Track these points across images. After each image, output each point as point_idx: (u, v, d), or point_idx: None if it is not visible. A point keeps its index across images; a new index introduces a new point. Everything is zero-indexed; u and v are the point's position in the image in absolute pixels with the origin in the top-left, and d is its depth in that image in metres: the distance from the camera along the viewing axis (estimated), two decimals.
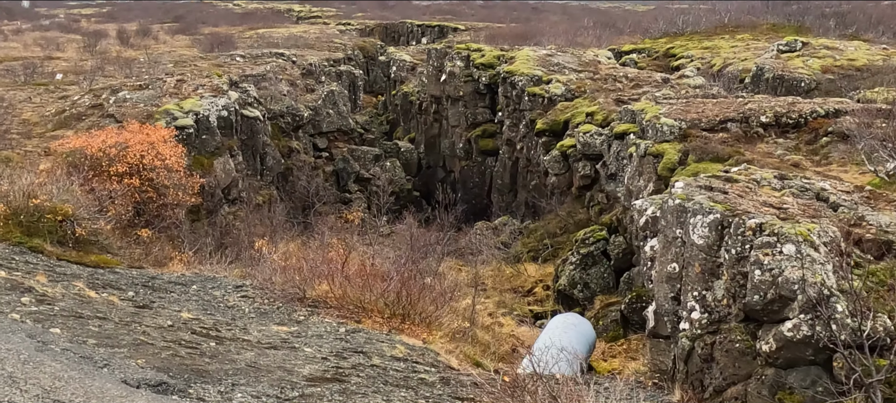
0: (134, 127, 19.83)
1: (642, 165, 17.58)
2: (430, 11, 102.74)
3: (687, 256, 9.53)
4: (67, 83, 33.48)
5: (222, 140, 22.72)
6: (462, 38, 69.85)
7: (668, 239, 9.80)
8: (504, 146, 30.39)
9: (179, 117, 21.60)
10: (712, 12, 43.84)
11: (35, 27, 68.67)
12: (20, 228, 13.66)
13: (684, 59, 35.16)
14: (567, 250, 21.78)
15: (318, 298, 13.78)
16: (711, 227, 9.23)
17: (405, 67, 55.90)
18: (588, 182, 23.28)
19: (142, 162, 18.36)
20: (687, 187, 10.25)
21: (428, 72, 37.56)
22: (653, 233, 9.90)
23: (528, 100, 27.85)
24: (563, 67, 29.42)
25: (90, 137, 18.74)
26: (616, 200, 20.92)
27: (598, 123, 23.83)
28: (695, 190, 10.13)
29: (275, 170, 27.20)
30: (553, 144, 25.63)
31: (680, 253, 9.64)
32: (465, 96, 34.38)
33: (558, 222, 23.28)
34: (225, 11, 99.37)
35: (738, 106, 18.46)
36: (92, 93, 23.92)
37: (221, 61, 42.69)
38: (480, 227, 25.98)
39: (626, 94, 26.23)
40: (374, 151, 36.05)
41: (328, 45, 57.63)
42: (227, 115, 23.07)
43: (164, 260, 15.63)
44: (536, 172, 26.86)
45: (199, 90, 23.65)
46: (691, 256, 9.38)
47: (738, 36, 39.33)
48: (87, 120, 22.03)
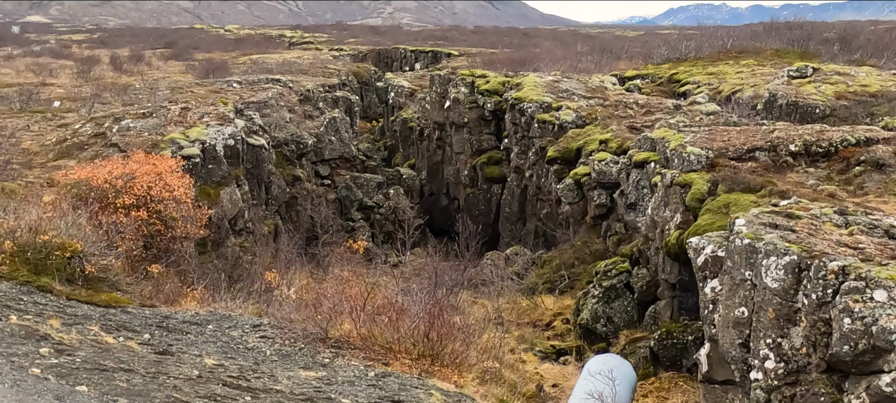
0: (139, 157, 19.20)
1: (668, 195, 17.05)
2: (422, 37, 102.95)
3: (758, 300, 8.95)
4: (65, 110, 32.83)
5: (229, 169, 22.10)
6: (456, 64, 69.72)
7: (736, 282, 9.23)
8: (512, 174, 29.87)
9: (185, 146, 20.99)
10: (715, 38, 43.64)
11: (26, 53, 68.06)
12: (27, 266, 12.97)
13: (690, 84, 34.81)
14: (585, 281, 21.20)
15: (341, 338, 13.13)
16: (787, 270, 8.66)
17: (404, 93, 55.51)
18: (604, 211, 22.75)
19: (149, 193, 17.71)
20: (751, 224, 9.68)
21: (431, 99, 37.11)
22: (713, 274, 9.37)
23: (538, 128, 27.37)
24: (572, 94, 29.00)
25: (95, 168, 18.09)
26: (636, 230, 20.38)
27: (613, 151, 23.35)
28: (760, 227, 9.56)
29: (280, 199, 26.58)
30: (565, 172, 25.12)
31: (749, 296, 9.07)
32: (470, 123, 33.90)
33: (574, 252, 22.71)
34: (217, 37, 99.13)
35: (764, 134, 17.99)
36: (93, 122, 23.28)
37: (218, 87, 42.25)
38: (492, 257, 25.37)
39: (638, 121, 25.79)
40: (377, 179, 35.50)
41: (322, 71, 57.27)
42: (234, 144, 22.47)
43: (176, 297, 14.94)
44: (548, 201, 26.32)
45: (205, 118, 23.05)
46: (764, 301, 8.81)
47: (742, 61, 39.07)
48: (89, 149, 21.37)
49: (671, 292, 17.16)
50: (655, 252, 17.78)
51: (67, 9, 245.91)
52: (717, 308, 9.20)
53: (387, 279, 24.67)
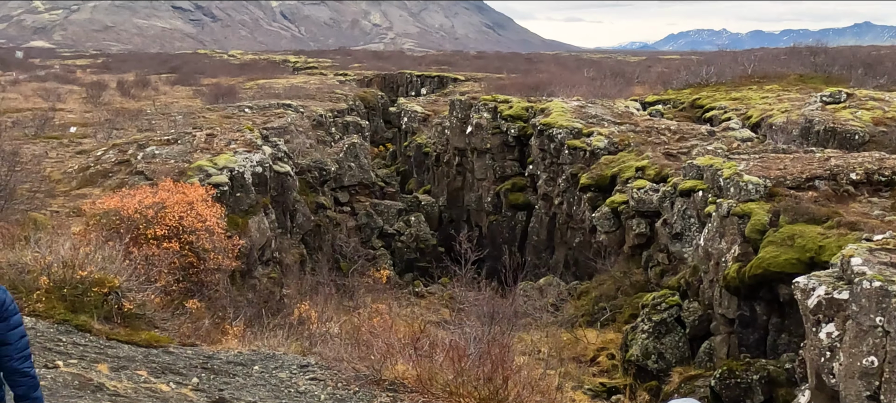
0: (168, 185, 18.47)
1: (724, 226, 16.33)
2: (426, 62, 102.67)
3: (892, 350, 8.22)
4: (80, 136, 32.20)
5: (257, 197, 21.39)
6: (464, 89, 69.30)
7: (863, 328, 8.51)
8: (540, 201, 29.17)
9: (213, 174, 20.29)
10: (736, 63, 43.11)
11: (32, 78, 67.60)
12: (63, 303, 12.22)
13: (716, 110, 34.21)
14: (628, 314, 20.44)
15: (396, 380, 12.36)
16: None
17: (417, 118, 54.96)
18: (643, 240, 22.02)
19: (181, 224, 16.98)
20: (869, 264, 8.97)
21: (451, 124, 36.48)
22: (828, 318, 8.68)
23: (569, 154, 26.70)
24: (601, 119, 28.36)
25: (124, 197, 17.36)
26: (681, 261, 19.64)
27: (651, 178, 22.66)
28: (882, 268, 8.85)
29: (304, 227, 25.86)
30: (599, 200, 24.42)
31: (880, 344, 8.34)
32: (493, 148, 33.25)
33: (613, 283, 21.95)
34: (221, 62, 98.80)
35: (820, 162, 17.31)
36: (116, 149, 22.60)
37: (230, 113, 41.70)
38: (525, 288, 24.58)
39: (673, 148, 25.13)
40: (397, 205, 34.80)
41: (330, 96, 56.80)
42: (262, 171, 21.78)
43: (216, 334, 14.17)
44: (580, 229, 25.59)
45: (232, 145, 22.37)
46: None
47: (766, 86, 38.50)
48: (114, 177, 20.66)
49: (728, 327, 16.40)
50: (709, 285, 17.02)
51: (71, 34, 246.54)
52: (836, 355, 8.49)
53: (421, 310, 23.90)
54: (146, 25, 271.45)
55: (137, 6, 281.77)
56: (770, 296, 15.17)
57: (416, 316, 21.72)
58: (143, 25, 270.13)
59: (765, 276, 14.86)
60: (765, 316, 15.37)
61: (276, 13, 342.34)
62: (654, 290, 20.51)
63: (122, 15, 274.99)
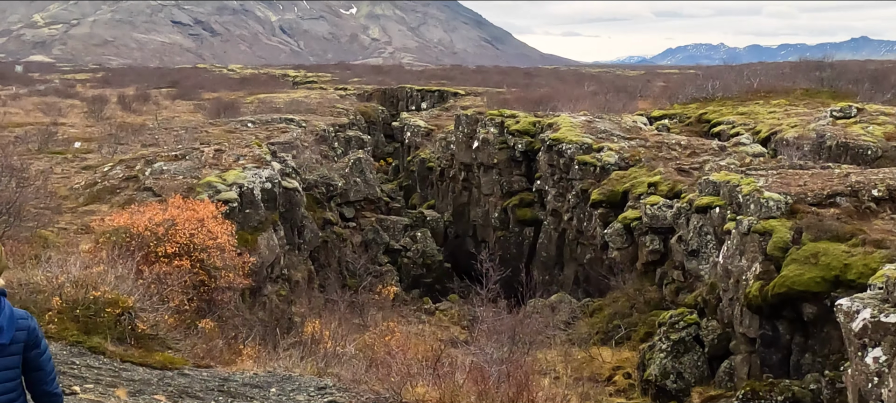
0: (177, 201, 18.20)
1: (744, 243, 16.07)
2: (426, 76, 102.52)
3: None
4: (85, 151, 31.94)
5: (266, 214, 21.11)
6: (464, 103, 69.11)
7: None
8: (549, 217, 28.90)
9: (223, 190, 20.02)
10: (741, 77, 42.98)
11: (32, 92, 67.35)
12: (76, 324, 11.91)
13: (725, 125, 33.99)
14: (643, 332, 20.16)
15: (417, 402, 12.09)
16: None
17: (420, 133, 54.77)
18: (657, 257, 21.77)
19: (192, 241, 16.69)
20: None
21: (457, 139, 36.26)
22: (874, 342, 8.42)
23: (579, 169, 26.46)
24: (611, 134, 28.15)
25: (134, 214, 17.08)
26: (698, 279, 19.37)
27: (664, 194, 22.42)
28: None
29: (312, 243, 25.56)
30: (611, 216, 24.18)
31: None
32: (500, 163, 33.02)
33: (626, 301, 21.67)
34: (221, 77, 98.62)
35: (841, 178, 17.08)
36: (123, 165, 22.33)
37: (232, 127, 41.50)
38: (536, 305, 24.28)
39: (684, 163, 24.91)
40: (404, 221, 34.53)
41: (330, 111, 56.64)
42: (271, 187, 21.51)
43: (230, 355, 13.86)
44: (591, 245, 25.32)
45: (241, 161, 22.11)
46: None
47: (773, 101, 38.33)
48: (121, 193, 20.39)
49: (749, 347, 16.12)
50: (729, 303, 16.75)
51: (70, 48, 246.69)
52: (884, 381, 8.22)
53: (432, 328, 23.57)
54: (146, 40, 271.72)
55: (137, 21, 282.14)
56: (793, 315, 14.91)
57: (427, 334, 21.43)
58: (143, 40, 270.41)
59: (788, 295, 14.59)
60: (788, 335, 15.10)
61: (275, 28, 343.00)
62: (669, 308, 20.23)
63: (121, 29, 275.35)
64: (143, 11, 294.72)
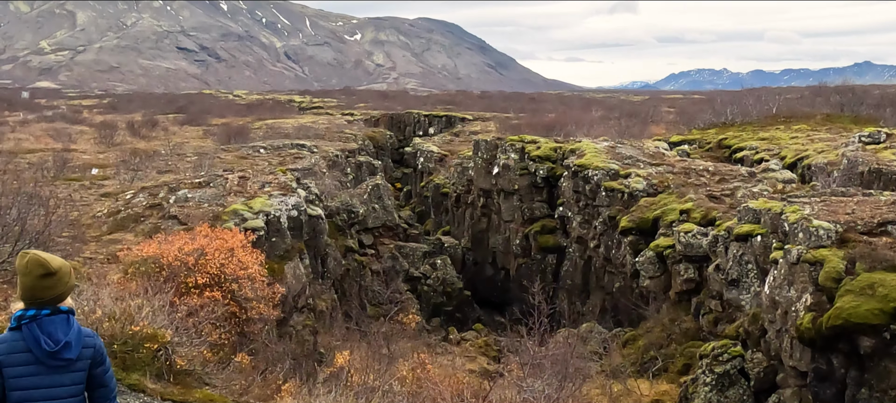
0: (205, 230, 17.77)
1: (794, 273, 15.57)
2: (431, 102, 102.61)
3: None
4: (101, 178, 31.59)
5: (292, 242, 20.67)
6: (473, 128, 68.91)
7: None
8: (573, 244, 28.42)
9: (249, 218, 19.58)
10: (760, 102, 42.66)
11: (40, 118, 67.29)
12: (114, 360, 11.44)
13: (748, 150, 33.61)
14: (680, 363, 19.62)
15: None
16: None
17: (433, 158, 54.51)
18: (692, 286, 21.24)
19: (223, 271, 16.23)
20: None
21: (476, 165, 35.87)
22: None
23: (606, 196, 26.02)
24: (637, 160, 27.73)
25: (163, 244, 16.64)
26: (738, 309, 18.84)
27: (697, 221, 21.94)
28: None
29: (336, 272, 25.10)
30: (641, 243, 23.69)
31: None
32: (521, 190, 32.61)
33: (661, 331, 21.13)
34: (227, 103, 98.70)
35: (889, 206, 16.61)
36: (146, 192, 21.92)
37: (244, 153, 41.23)
38: (565, 335, 23.73)
39: (715, 190, 24.45)
40: (423, 248, 34.02)
41: (339, 136, 56.49)
42: (297, 215, 21.08)
43: (267, 390, 13.35)
44: (620, 273, 24.82)
45: (266, 188, 21.69)
46: None
47: (794, 126, 37.96)
48: (146, 221, 19.95)
49: (799, 380, 15.56)
50: (776, 335, 16.22)
51: (76, 75, 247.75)
52: None
53: (461, 360, 23.01)
54: (151, 66, 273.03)
55: (143, 47, 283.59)
56: (849, 348, 14.37)
57: (458, 366, 20.89)
58: (148, 66, 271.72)
59: (844, 327, 14.06)
60: (842, 369, 14.55)
61: (280, 54, 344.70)
62: (707, 339, 19.69)
63: (127, 56, 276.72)
64: (149, 38, 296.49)
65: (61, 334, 5.06)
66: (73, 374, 5.13)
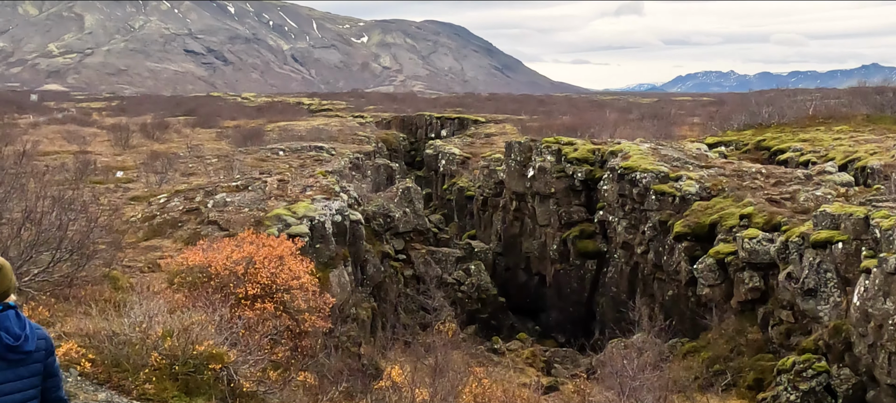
0: (251, 237, 16.72)
1: (889, 284, 14.46)
2: (440, 104, 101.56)
3: None
4: (125, 181, 30.62)
5: (336, 249, 19.61)
6: (489, 131, 67.82)
7: None
8: (618, 250, 27.29)
9: (293, 224, 18.54)
10: (795, 103, 41.52)
11: (50, 120, 66.47)
12: (175, 383, 10.36)
13: (791, 152, 32.47)
14: (750, 377, 18.49)
15: None
16: None
17: (455, 161, 53.44)
18: (757, 295, 20.11)
19: (274, 281, 15.16)
20: None
21: (509, 167, 34.75)
22: None
23: (656, 200, 24.89)
24: (685, 162, 26.61)
25: (209, 251, 15.58)
26: (815, 320, 17.70)
27: (760, 227, 20.81)
28: None
29: (375, 279, 24.02)
30: (697, 249, 22.57)
31: None
32: (558, 193, 31.47)
33: (725, 342, 19.98)
34: (236, 105, 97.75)
35: None
36: (181, 196, 20.87)
37: (263, 155, 40.30)
38: (616, 345, 22.62)
39: (772, 193, 23.32)
40: (456, 253, 32.91)
41: (352, 138, 55.64)
42: (341, 220, 20.02)
43: None
44: (673, 281, 23.68)
45: (308, 191, 20.63)
46: None
47: (835, 128, 36.79)
48: (184, 227, 18.90)
49: (894, 398, 14.42)
50: (868, 349, 15.10)
51: (84, 77, 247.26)
52: None
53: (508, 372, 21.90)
54: (159, 69, 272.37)
55: (151, 50, 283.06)
56: None
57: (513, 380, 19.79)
58: (156, 69, 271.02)
59: None
60: None
61: (287, 56, 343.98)
62: (778, 352, 18.59)
63: (135, 58, 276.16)
64: (157, 41, 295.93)
65: (18, 328, 5.23)
66: (32, 366, 5.33)
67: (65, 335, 10.71)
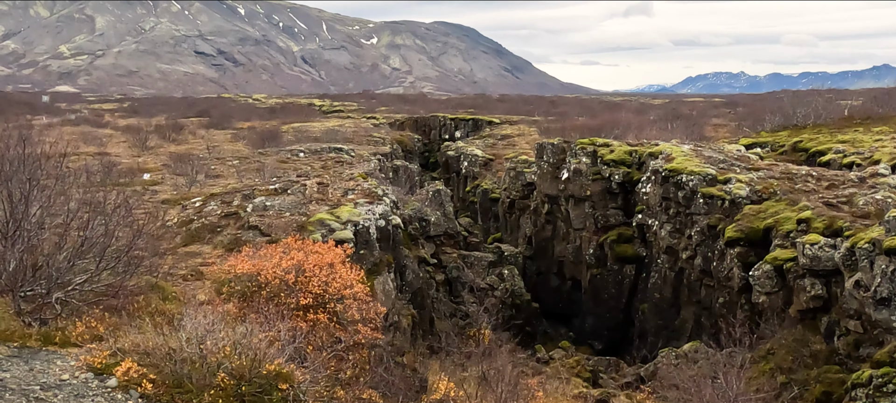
0: (297, 243, 15.94)
1: None
2: (451, 105, 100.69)
3: None
4: (151, 183, 29.95)
5: (380, 255, 18.80)
6: (506, 131, 66.97)
7: None
8: (661, 255, 26.41)
9: (337, 229, 17.75)
10: (830, 103, 40.60)
11: (64, 121, 65.99)
12: None
13: (834, 154, 31.51)
14: (818, 390, 17.60)
15: None
16: None
17: (478, 163, 52.66)
18: (819, 304, 19.21)
19: (326, 290, 14.36)
20: None
21: (541, 170, 33.89)
22: None
23: (704, 203, 24.01)
24: (731, 164, 25.72)
25: (257, 258, 14.79)
26: (888, 331, 16.80)
27: (819, 232, 19.90)
28: None
29: (414, 285, 23.19)
30: (751, 255, 21.68)
31: None
32: (594, 196, 30.61)
33: (787, 353, 19.09)
34: (248, 106, 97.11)
35: None
36: (218, 199, 20.11)
37: (284, 157, 39.73)
38: (667, 355, 21.76)
39: (828, 196, 22.41)
40: (488, 257, 32.06)
41: (367, 139, 55.08)
42: (384, 225, 19.21)
43: None
44: (724, 288, 22.79)
45: (349, 195, 19.83)
46: None
47: (874, 128, 35.82)
48: (223, 232, 18.13)
49: None
50: None
51: (95, 79, 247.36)
52: None
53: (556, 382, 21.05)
54: (169, 70, 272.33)
55: (161, 51, 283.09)
56: None
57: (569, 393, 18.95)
58: (167, 70, 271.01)
59: None
60: None
61: (296, 58, 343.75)
62: (846, 363, 17.70)
63: (145, 60, 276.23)
64: (167, 42, 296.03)
65: None
66: None
67: (121, 352, 9.94)
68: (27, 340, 10.53)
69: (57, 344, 10.63)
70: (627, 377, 22.97)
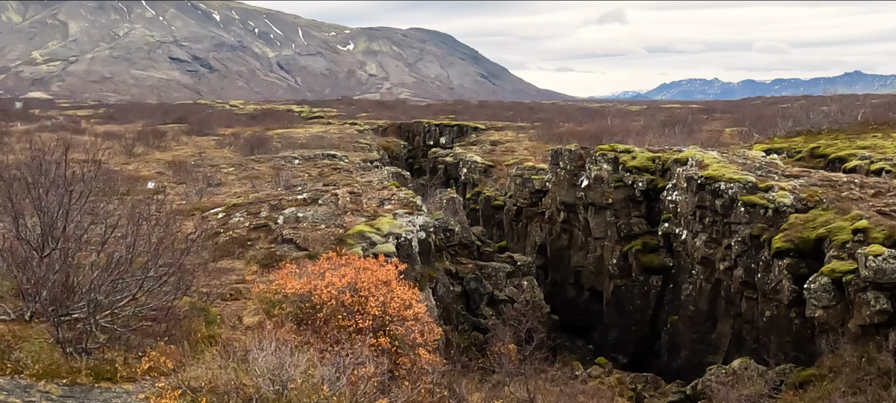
0: (343, 259, 14.63)
1: None
2: (432, 111, 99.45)
3: None
4: (155, 192, 28.42)
5: (422, 269, 17.51)
6: (494, 138, 65.88)
7: None
8: (696, 265, 25.34)
9: (378, 242, 16.45)
10: (846, 108, 39.93)
11: (40, 128, 63.97)
12: None
13: (860, 160, 30.66)
14: None
15: None
16: None
17: (477, 169, 51.51)
18: (884, 319, 18.18)
19: (386, 311, 13.06)
20: None
21: (557, 177, 32.74)
22: None
23: (745, 212, 22.96)
24: (769, 171, 24.74)
25: (306, 277, 13.45)
26: None
27: (880, 242, 18.90)
28: None
29: (444, 299, 21.90)
30: (802, 267, 20.64)
31: None
32: (616, 203, 29.52)
33: (850, 372, 18.03)
34: (226, 112, 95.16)
35: None
36: (244, 210, 18.68)
37: (278, 164, 38.58)
38: (716, 372, 20.64)
39: (877, 204, 21.46)
40: (506, 268, 30.79)
41: (353, 145, 53.92)
42: (425, 237, 17.93)
43: None
44: (772, 301, 21.73)
45: (386, 205, 18.51)
46: None
47: (893, 134, 35.13)
48: (255, 246, 16.72)
49: None
50: None
51: (68, 85, 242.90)
52: None
53: None
54: (144, 76, 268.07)
55: (135, 57, 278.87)
56: None
57: None
58: (141, 76, 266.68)
59: None
60: None
61: (272, 64, 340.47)
62: None
63: (119, 66, 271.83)
64: (141, 48, 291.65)
65: None
66: None
67: (193, 391, 8.56)
68: (76, 376, 9.13)
69: (109, 380, 9.25)
70: (670, 395, 21.84)
